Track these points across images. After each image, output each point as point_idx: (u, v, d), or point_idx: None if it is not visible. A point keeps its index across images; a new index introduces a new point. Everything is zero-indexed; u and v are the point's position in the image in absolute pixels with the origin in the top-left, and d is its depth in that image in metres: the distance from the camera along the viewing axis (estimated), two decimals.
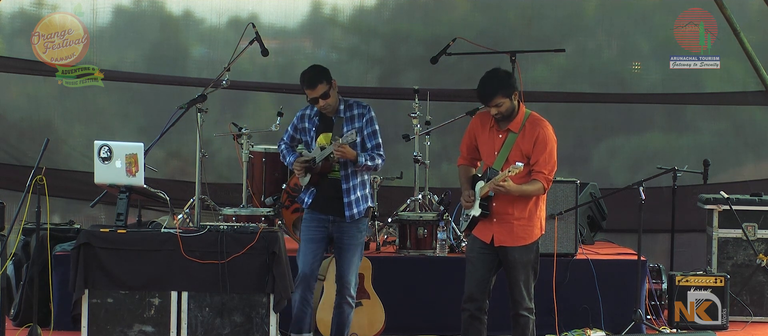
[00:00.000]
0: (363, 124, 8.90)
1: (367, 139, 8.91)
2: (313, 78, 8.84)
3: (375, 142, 8.93)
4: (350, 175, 8.89)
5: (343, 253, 8.90)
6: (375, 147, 8.92)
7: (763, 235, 11.00)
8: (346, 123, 8.86)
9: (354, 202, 8.87)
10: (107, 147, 8.62)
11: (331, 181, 8.91)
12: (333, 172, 8.90)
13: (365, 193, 8.96)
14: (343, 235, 8.90)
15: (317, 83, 8.81)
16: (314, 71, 8.90)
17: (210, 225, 8.67)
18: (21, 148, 12.22)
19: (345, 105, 8.94)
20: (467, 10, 12.57)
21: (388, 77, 12.55)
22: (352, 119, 8.89)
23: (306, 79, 8.86)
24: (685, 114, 12.58)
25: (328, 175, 8.91)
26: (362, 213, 8.92)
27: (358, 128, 8.85)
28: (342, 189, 8.86)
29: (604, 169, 12.54)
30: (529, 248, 8.30)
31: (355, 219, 8.87)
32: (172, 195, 9.20)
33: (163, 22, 12.52)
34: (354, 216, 8.85)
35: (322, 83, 8.80)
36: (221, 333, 8.54)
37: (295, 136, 9.08)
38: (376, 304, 9.76)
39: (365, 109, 8.94)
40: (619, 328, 10.06)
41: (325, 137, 8.89)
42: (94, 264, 8.53)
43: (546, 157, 8.22)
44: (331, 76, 8.88)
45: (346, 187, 8.87)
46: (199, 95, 9.87)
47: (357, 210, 8.87)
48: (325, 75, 8.85)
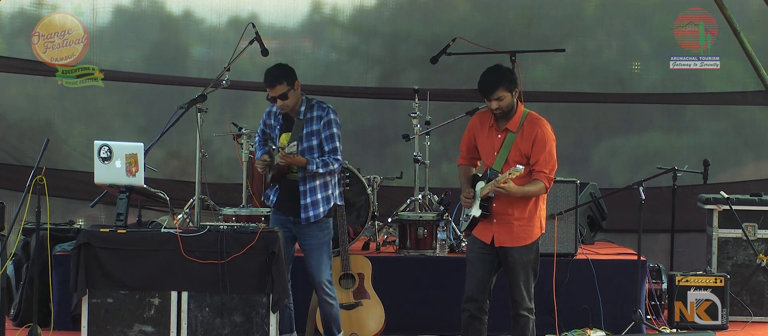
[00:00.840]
0: (321, 126, 8.84)
1: (324, 142, 8.86)
2: (274, 77, 8.82)
3: (332, 145, 8.85)
4: (308, 178, 8.84)
5: (306, 255, 8.89)
6: (331, 151, 8.84)
7: (763, 235, 11.00)
8: (306, 124, 8.83)
9: (311, 205, 8.82)
10: (107, 147, 8.61)
11: (289, 183, 8.89)
12: (291, 173, 8.87)
13: (327, 194, 8.89)
14: (303, 237, 8.89)
15: (276, 83, 8.79)
16: (276, 71, 8.87)
17: (210, 225, 8.67)
18: (21, 148, 12.22)
19: (307, 105, 8.89)
20: (467, 10, 12.57)
21: (388, 77, 12.55)
22: (311, 121, 8.86)
23: (267, 77, 8.85)
24: (685, 114, 12.58)
25: (287, 176, 8.88)
26: (321, 214, 8.86)
27: (315, 130, 8.82)
28: (299, 191, 8.84)
29: (604, 169, 12.54)
30: (529, 248, 8.30)
31: (310, 221, 8.83)
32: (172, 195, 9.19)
33: (163, 22, 12.52)
34: (310, 218, 8.82)
35: (282, 84, 8.78)
36: (221, 333, 8.54)
37: (266, 131, 9.07)
38: (376, 304, 9.76)
39: (324, 111, 8.87)
40: (619, 328, 10.06)
41: (285, 137, 8.88)
42: (94, 264, 8.53)
43: (546, 156, 8.22)
44: (296, 77, 8.84)
45: (303, 189, 8.84)
46: (199, 95, 9.87)
47: (314, 213, 8.83)
48: (287, 76, 8.81)
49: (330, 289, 8.93)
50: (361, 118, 12.54)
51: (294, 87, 8.83)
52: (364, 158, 12.07)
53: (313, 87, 12.22)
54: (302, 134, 8.80)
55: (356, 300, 9.71)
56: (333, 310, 8.99)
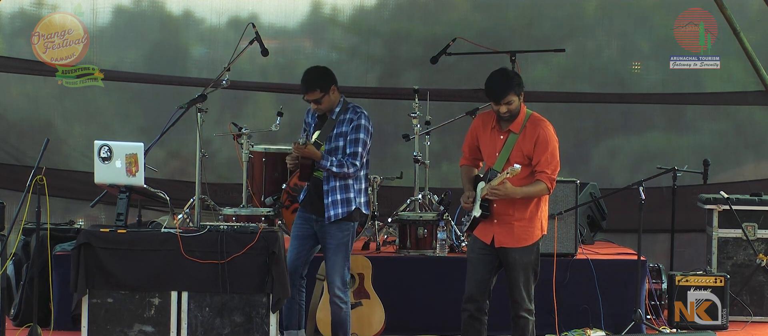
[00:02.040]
0: (350, 129, 8.86)
1: (347, 145, 8.86)
2: (309, 83, 8.84)
3: (353, 149, 8.84)
4: (330, 177, 8.86)
5: (325, 253, 8.92)
6: (351, 154, 8.83)
7: (763, 235, 11.00)
8: (338, 125, 8.85)
9: (332, 204, 8.82)
10: (107, 147, 8.61)
11: (315, 181, 8.92)
12: (317, 171, 8.89)
13: (348, 196, 8.85)
14: (324, 236, 8.89)
15: (312, 89, 8.82)
16: (312, 75, 8.89)
17: (210, 225, 8.67)
18: (21, 148, 12.22)
19: (342, 107, 8.91)
20: (467, 10, 12.57)
21: (388, 77, 12.55)
22: (343, 122, 8.88)
23: (304, 81, 8.88)
24: (685, 114, 12.58)
25: (315, 174, 8.91)
26: (341, 215, 8.84)
27: (343, 132, 8.84)
28: (323, 189, 8.86)
29: (604, 169, 12.54)
30: (529, 249, 8.30)
31: (331, 220, 8.82)
32: (172, 195, 9.19)
33: (163, 22, 12.52)
34: (331, 217, 8.81)
35: (316, 91, 8.80)
36: (221, 333, 8.54)
37: (305, 129, 9.12)
38: (376, 304, 9.76)
39: (356, 116, 8.88)
40: (619, 328, 10.06)
41: (317, 135, 8.91)
42: (94, 264, 8.53)
43: (548, 157, 8.22)
44: (332, 82, 8.83)
45: (326, 188, 8.85)
46: (199, 95, 9.87)
47: (334, 212, 8.82)
48: (323, 82, 8.81)
49: (342, 291, 8.87)
50: None
51: (329, 92, 8.82)
52: None
53: None
54: (331, 134, 8.83)
55: (356, 300, 9.71)
56: (341, 313, 8.91)
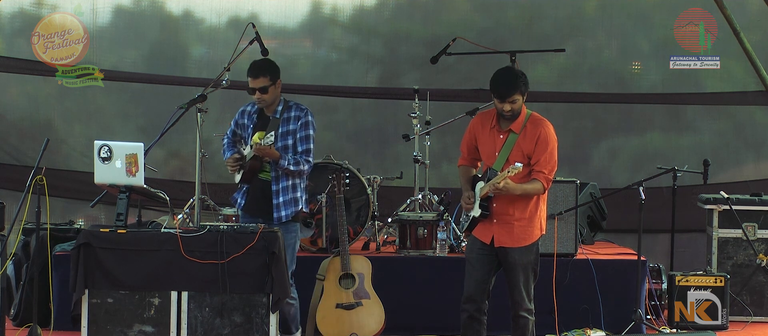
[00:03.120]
0: (297, 127, 8.86)
1: (298, 143, 8.87)
2: (259, 69, 8.88)
3: (305, 147, 8.86)
4: (281, 177, 8.85)
5: None
6: (304, 152, 8.86)
7: (763, 235, 11.00)
8: (282, 123, 8.83)
9: (283, 205, 8.84)
10: (107, 147, 8.61)
11: (260, 182, 8.91)
12: (263, 172, 8.88)
13: (296, 196, 8.90)
14: None
15: (260, 75, 8.85)
16: (262, 64, 8.96)
17: (210, 225, 8.66)
18: (21, 148, 12.22)
19: (284, 106, 8.92)
20: (467, 10, 12.57)
21: (388, 77, 12.55)
22: (288, 120, 8.87)
23: (252, 68, 8.91)
24: (685, 114, 12.58)
25: (260, 176, 8.89)
26: (291, 215, 8.87)
27: (291, 130, 8.83)
28: (271, 190, 8.85)
29: (604, 169, 12.54)
30: (529, 249, 8.30)
31: (282, 221, 8.82)
32: (172, 195, 9.19)
33: (163, 22, 12.52)
34: (281, 218, 8.82)
35: (266, 77, 8.83)
36: (221, 333, 8.54)
37: (237, 131, 9.08)
38: (376, 304, 9.76)
39: (303, 113, 8.90)
40: (619, 328, 10.06)
41: (259, 135, 8.86)
42: (94, 264, 8.53)
43: (547, 156, 8.22)
44: (279, 75, 8.89)
45: (275, 189, 8.85)
46: (199, 95, 9.87)
47: (285, 212, 8.84)
48: (272, 71, 8.87)
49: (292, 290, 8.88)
50: (361, 118, 12.54)
51: (275, 84, 8.86)
52: (364, 158, 12.07)
53: (313, 87, 12.24)
54: (278, 133, 8.82)
55: (356, 300, 9.71)
56: (292, 309, 8.98)
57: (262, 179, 8.90)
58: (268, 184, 8.88)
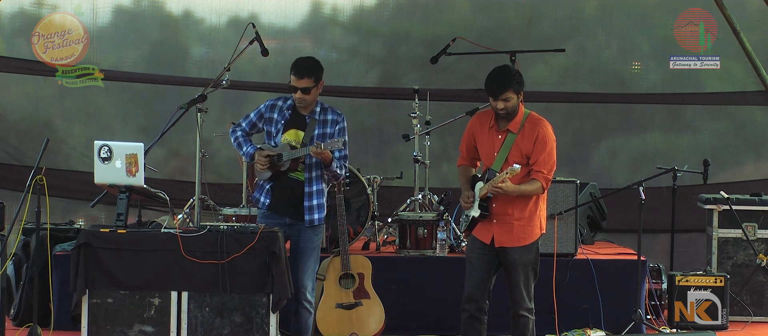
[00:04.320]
0: (335, 131, 8.76)
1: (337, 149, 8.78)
2: (304, 69, 8.68)
3: (344, 152, 8.78)
4: (314, 179, 8.75)
5: (300, 257, 8.75)
6: (343, 158, 8.78)
7: (763, 235, 11.00)
8: (319, 125, 8.74)
9: (316, 208, 8.74)
10: (107, 147, 8.61)
11: (291, 182, 8.76)
12: (296, 172, 8.77)
13: (324, 202, 8.83)
14: (300, 239, 8.76)
15: (305, 75, 8.65)
16: (308, 63, 8.75)
17: (210, 225, 8.66)
18: (21, 148, 12.22)
19: (321, 108, 8.80)
20: (467, 10, 12.57)
21: (388, 77, 12.55)
22: (324, 123, 8.76)
23: (297, 67, 8.70)
24: (685, 114, 12.58)
25: (290, 175, 8.79)
26: (322, 220, 8.80)
27: (328, 133, 8.74)
28: (304, 191, 8.73)
29: (604, 169, 12.54)
30: (529, 248, 8.30)
31: (314, 224, 8.76)
32: (172, 195, 9.19)
33: (163, 22, 12.52)
34: (314, 221, 8.73)
35: (310, 78, 8.65)
36: (221, 333, 8.54)
37: (257, 124, 8.87)
38: (376, 304, 9.77)
39: (340, 117, 8.81)
40: (619, 328, 10.06)
41: (293, 134, 8.77)
42: (94, 264, 8.52)
43: (545, 156, 8.22)
44: (322, 77, 8.74)
45: (308, 191, 8.74)
46: (199, 95, 9.87)
47: (318, 216, 8.75)
48: (317, 72, 8.70)
49: (311, 295, 8.81)
50: (361, 118, 12.54)
51: (318, 85, 8.71)
52: (364, 158, 12.07)
53: None
54: (314, 134, 8.72)
55: (356, 300, 9.71)
56: (311, 317, 8.86)
57: (293, 178, 8.77)
58: (299, 184, 8.75)
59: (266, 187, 8.82)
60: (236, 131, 8.91)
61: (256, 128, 8.90)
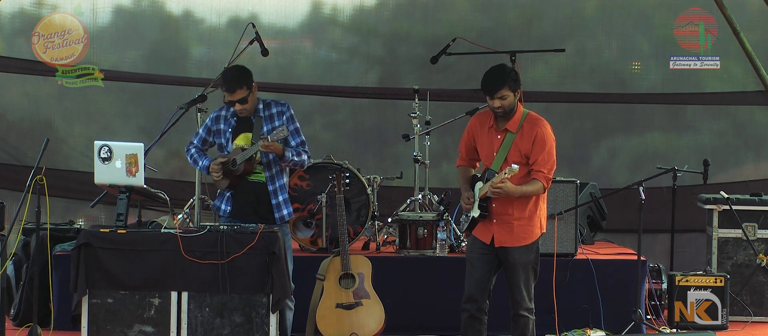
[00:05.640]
0: (284, 122, 8.78)
1: (290, 137, 8.80)
2: (233, 82, 8.68)
3: (300, 139, 8.82)
4: (275, 176, 8.80)
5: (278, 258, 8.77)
6: (300, 144, 8.82)
7: (763, 235, 11.00)
8: (266, 122, 8.75)
9: (283, 203, 8.79)
10: (107, 147, 8.61)
11: (251, 185, 8.81)
12: (254, 174, 8.80)
13: (287, 197, 8.86)
14: None
15: (236, 88, 8.67)
16: (234, 74, 8.75)
17: (210, 225, 8.66)
18: (21, 148, 12.22)
19: (263, 104, 8.83)
20: (467, 10, 12.57)
21: (388, 77, 12.55)
22: (271, 118, 8.80)
23: (225, 82, 8.69)
24: (685, 114, 12.58)
25: (249, 178, 8.80)
26: (293, 213, 8.85)
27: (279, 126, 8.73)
28: (268, 190, 8.78)
29: (604, 169, 12.54)
30: (529, 248, 8.30)
31: (285, 220, 8.79)
32: (172, 195, 9.19)
33: (163, 22, 12.52)
34: (284, 217, 8.78)
35: (242, 88, 8.67)
36: (221, 333, 8.54)
37: (208, 138, 8.94)
38: (376, 304, 9.76)
39: (284, 107, 8.84)
40: (619, 328, 10.06)
41: (244, 138, 8.80)
42: (94, 264, 8.53)
43: (545, 156, 8.22)
44: (253, 79, 8.74)
45: (272, 189, 8.79)
46: (199, 95, 9.88)
47: (287, 211, 8.80)
48: (246, 79, 8.71)
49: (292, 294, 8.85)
50: (361, 118, 12.54)
51: (252, 90, 8.74)
52: (364, 158, 12.07)
53: (313, 87, 12.24)
54: (263, 132, 8.73)
55: (356, 300, 9.70)
56: (291, 314, 8.94)
57: (253, 181, 8.82)
58: (261, 185, 8.80)
59: (226, 194, 8.86)
60: (190, 149, 8.99)
61: (207, 143, 8.98)
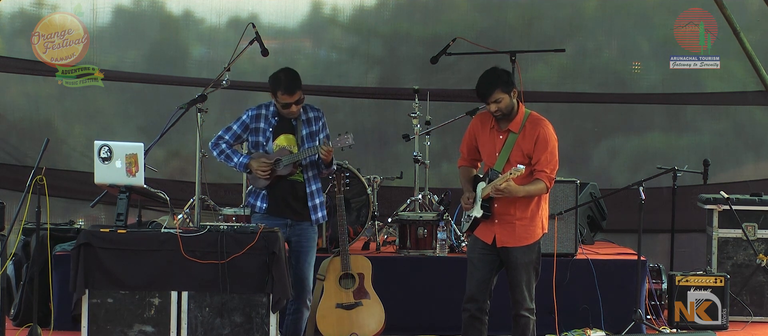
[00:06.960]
0: (319, 127, 8.87)
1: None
2: (293, 84, 8.74)
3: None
4: (312, 179, 8.86)
5: (303, 256, 8.84)
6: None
7: (763, 235, 11.00)
8: (305, 125, 8.82)
9: (319, 206, 8.87)
10: (107, 147, 8.60)
11: (289, 183, 8.85)
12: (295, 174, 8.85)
13: (324, 200, 8.98)
14: (302, 238, 8.84)
15: (296, 89, 8.74)
16: (293, 76, 8.80)
17: (210, 225, 8.66)
18: (21, 148, 12.22)
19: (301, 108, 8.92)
20: (467, 10, 12.57)
21: (388, 77, 12.55)
22: (308, 122, 8.86)
23: (285, 85, 8.73)
24: (685, 114, 12.58)
25: (288, 178, 8.84)
26: (325, 218, 8.94)
27: (315, 131, 8.83)
28: (306, 192, 8.83)
29: (604, 169, 12.54)
30: (530, 248, 8.30)
31: (319, 222, 8.88)
32: (172, 195, 9.18)
33: (163, 22, 12.52)
34: (319, 220, 8.86)
35: (299, 90, 8.76)
36: (221, 333, 8.54)
37: (242, 135, 8.95)
38: (376, 304, 9.76)
39: (319, 113, 8.93)
40: (619, 328, 10.06)
41: (285, 138, 8.84)
42: (94, 264, 8.52)
43: (548, 156, 8.22)
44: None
45: (309, 191, 8.85)
46: (199, 95, 9.88)
47: (322, 214, 8.89)
48: (300, 81, 8.80)
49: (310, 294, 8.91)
50: (361, 118, 12.54)
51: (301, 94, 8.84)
52: (364, 158, 12.07)
53: (313, 87, 12.23)
54: (303, 135, 8.79)
55: (356, 300, 9.71)
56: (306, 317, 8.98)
57: (293, 180, 8.84)
58: (300, 185, 8.83)
59: (262, 192, 8.87)
60: (220, 144, 8.96)
61: (241, 139, 8.99)
